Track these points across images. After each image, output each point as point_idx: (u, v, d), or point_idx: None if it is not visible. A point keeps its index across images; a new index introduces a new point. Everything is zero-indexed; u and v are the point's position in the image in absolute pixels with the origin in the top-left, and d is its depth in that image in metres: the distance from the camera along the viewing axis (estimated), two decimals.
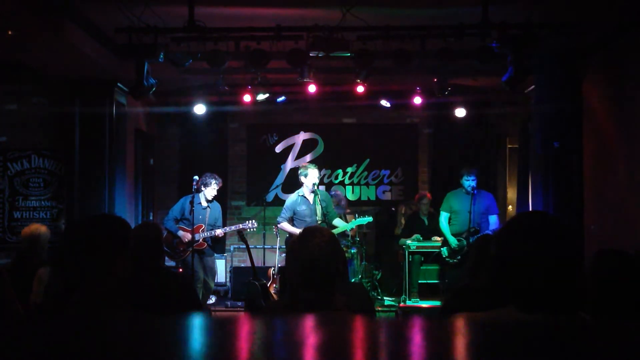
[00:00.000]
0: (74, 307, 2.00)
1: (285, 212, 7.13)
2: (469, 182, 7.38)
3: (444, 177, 9.58)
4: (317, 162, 9.56)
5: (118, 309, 2.00)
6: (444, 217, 7.67)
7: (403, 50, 5.82)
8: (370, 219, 7.51)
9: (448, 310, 3.17)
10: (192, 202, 7.01)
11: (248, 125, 9.83)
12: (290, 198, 7.22)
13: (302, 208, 7.04)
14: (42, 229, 5.30)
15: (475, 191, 7.40)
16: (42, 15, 5.25)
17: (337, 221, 7.17)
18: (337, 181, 9.78)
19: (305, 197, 7.08)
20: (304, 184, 7.08)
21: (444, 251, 7.58)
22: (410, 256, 7.82)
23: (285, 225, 7.09)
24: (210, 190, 7.30)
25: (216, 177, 7.35)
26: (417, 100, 8.45)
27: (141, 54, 5.71)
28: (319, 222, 6.92)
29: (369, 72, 6.28)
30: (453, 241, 7.53)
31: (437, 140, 9.75)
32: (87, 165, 7.26)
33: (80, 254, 2.04)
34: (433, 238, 7.87)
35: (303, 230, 2.55)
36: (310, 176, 7.00)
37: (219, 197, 7.65)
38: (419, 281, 7.88)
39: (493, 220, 7.38)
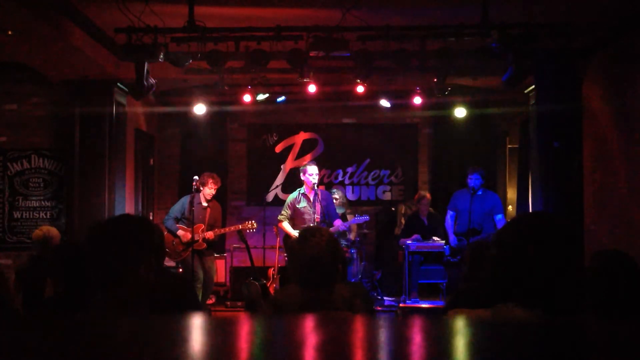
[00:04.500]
0: (92, 312, 1.97)
1: (285, 210, 7.15)
2: (471, 181, 7.40)
3: (444, 177, 9.59)
4: (317, 162, 9.55)
5: (139, 315, 1.93)
6: (449, 215, 7.70)
7: (403, 50, 5.82)
8: (367, 217, 7.56)
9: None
10: (192, 202, 7.01)
11: (248, 125, 9.83)
12: (291, 195, 7.24)
13: (302, 205, 7.06)
14: (52, 231, 5.26)
15: (481, 191, 7.42)
16: (42, 15, 5.25)
17: (338, 222, 7.17)
18: (337, 181, 9.77)
19: (305, 194, 7.09)
20: (303, 182, 7.11)
21: (446, 249, 7.63)
22: (410, 256, 7.82)
23: (285, 225, 7.11)
24: (208, 190, 7.29)
25: (214, 176, 7.33)
26: (417, 100, 8.45)
27: (141, 54, 5.71)
28: (318, 221, 6.93)
29: (369, 72, 6.29)
30: (453, 240, 7.58)
31: (437, 140, 9.75)
32: (87, 165, 7.26)
33: (105, 255, 1.97)
34: (433, 238, 7.88)
35: (303, 230, 2.55)
36: (309, 171, 7.01)
37: (218, 197, 7.64)
38: (419, 281, 7.88)
39: (498, 219, 7.38)
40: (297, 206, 7.08)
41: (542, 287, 1.58)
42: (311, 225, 6.92)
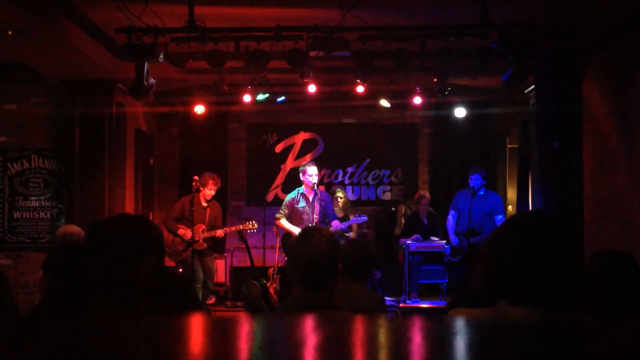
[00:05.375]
0: (92, 312, 1.95)
1: (284, 209, 7.15)
2: (472, 181, 7.41)
3: (444, 177, 9.60)
4: (317, 162, 9.57)
5: (139, 315, 1.91)
6: (451, 215, 7.70)
7: (403, 50, 5.82)
8: (365, 218, 7.55)
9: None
10: (191, 202, 7.01)
11: (248, 125, 9.83)
12: (290, 194, 7.23)
13: (301, 205, 7.05)
14: (72, 228, 5.35)
15: (482, 191, 7.43)
16: (42, 15, 5.25)
17: (335, 222, 7.18)
18: (337, 181, 9.77)
19: (305, 194, 7.08)
20: (303, 182, 7.10)
21: (447, 249, 7.64)
22: (410, 256, 7.82)
23: (284, 222, 7.11)
24: (208, 191, 7.30)
25: (214, 177, 7.34)
26: (417, 100, 8.45)
27: (141, 54, 5.71)
28: (317, 221, 6.93)
29: (369, 72, 6.29)
30: (453, 239, 7.58)
31: (437, 140, 9.75)
32: (87, 165, 7.26)
33: (103, 254, 1.96)
34: (431, 238, 7.88)
35: (303, 230, 2.55)
36: (308, 172, 7.00)
37: (218, 197, 7.64)
38: (419, 281, 7.89)
39: (499, 220, 7.37)
40: (296, 206, 7.08)
41: (540, 286, 1.58)
42: (310, 225, 6.92)
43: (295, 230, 6.94)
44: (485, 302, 1.71)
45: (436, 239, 7.81)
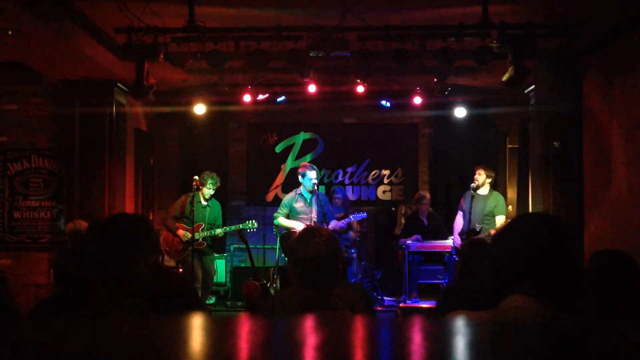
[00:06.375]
0: (92, 312, 1.95)
1: (282, 209, 7.18)
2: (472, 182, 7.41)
3: (444, 177, 9.59)
4: (317, 162, 9.59)
5: (139, 315, 1.91)
6: (459, 215, 7.72)
7: (403, 50, 5.82)
8: (364, 214, 7.56)
9: (442, 310, 3.16)
10: (192, 202, 7.01)
11: (248, 125, 9.83)
12: (288, 195, 7.27)
13: (299, 205, 7.08)
14: (82, 224, 5.32)
15: (485, 192, 7.41)
16: (42, 15, 5.25)
17: (333, 222, 7.19)
18: (337, 181, 9.77)
19: (303, 195, 7.12)
20: (302, 184, 7.13)
21: (453, 249, 7.65)
22: (410, 256, 7.82)
23: (282, 220, 7.13)
24: (207, 190, 7.30)
25: (214, 175, 7.34)
26: (417, 100, 8.45)
27: (141, 54, 5.71)
28: (315, 221, 6.95)
29: (369, 72, 6.28)
30: (456, 240, 7.59)
31: (437, 140, 9.75)
32: (87, 165, 7.26)
33: (103, 254, 1.97)
34: (449, 238, 7.88)
35: (302, 230, 2.55)
36: (308, 178, 7.05)
37: (218, 197, 7.64)
38: (419, 281, 7.89)
39: (499, 220, 7.35)
40: (294, 206, 7.10)
41: (539, 286, 1.58)
42: (310, 225, 6.94)
43: (294, 224, 6.98)
44: (481, 303, 1.71)
45: (449, 239, 7.77)
